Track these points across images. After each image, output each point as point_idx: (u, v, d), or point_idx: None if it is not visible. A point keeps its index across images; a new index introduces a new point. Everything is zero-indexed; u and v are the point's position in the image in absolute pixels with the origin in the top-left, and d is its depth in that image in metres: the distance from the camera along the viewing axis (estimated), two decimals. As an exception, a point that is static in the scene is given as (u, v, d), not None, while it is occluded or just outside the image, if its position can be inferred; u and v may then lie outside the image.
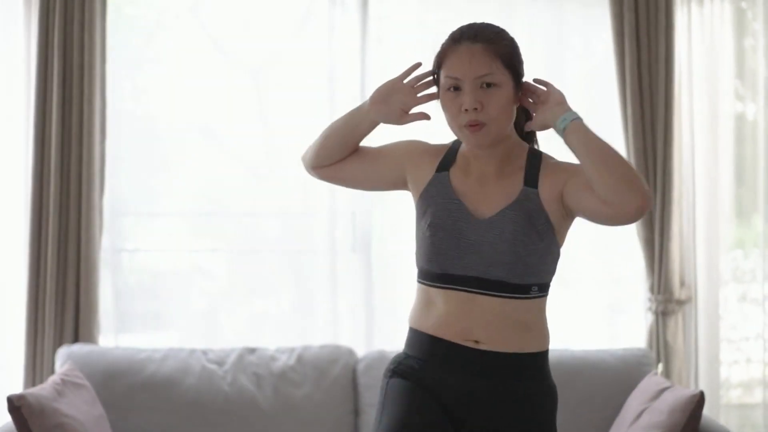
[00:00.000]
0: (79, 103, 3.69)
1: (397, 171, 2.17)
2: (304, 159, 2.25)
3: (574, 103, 4.32)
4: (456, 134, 2.08)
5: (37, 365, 3.66)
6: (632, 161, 3.80)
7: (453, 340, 2.03)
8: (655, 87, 3.82)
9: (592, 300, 4.02)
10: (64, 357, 3.50)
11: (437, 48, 2.08)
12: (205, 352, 3.58)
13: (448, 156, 2.14)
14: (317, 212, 3.89)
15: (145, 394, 3.44)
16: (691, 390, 3.15)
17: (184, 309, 4.00)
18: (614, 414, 3.41)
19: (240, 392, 3.47)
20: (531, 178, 2.06)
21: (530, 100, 2.09)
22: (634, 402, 3.32)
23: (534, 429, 2.05)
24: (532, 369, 2.06)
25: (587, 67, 4.04)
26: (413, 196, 2.16)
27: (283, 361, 3.56)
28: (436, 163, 2.13)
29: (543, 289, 2.08)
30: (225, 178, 4.00)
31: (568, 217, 2.08)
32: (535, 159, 2.09)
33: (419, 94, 2.11)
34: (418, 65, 2.13)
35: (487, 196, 2.06)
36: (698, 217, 3.94)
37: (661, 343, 3.83)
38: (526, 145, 2.13)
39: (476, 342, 2.03)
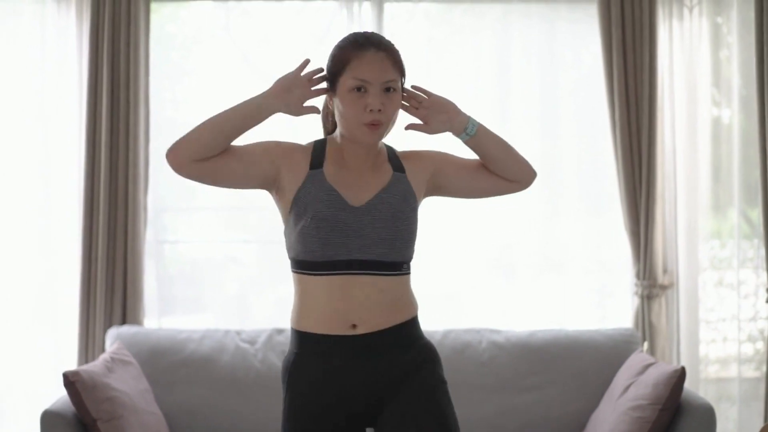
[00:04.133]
0: (125, 112, 3.70)
1: (272, 168, 2.06)
2: (175, 152, 1.99)
3: (567, 109, 4.30)
4: (350, 131, 2.04)
5: (89, 345, 3.68)
6: (620, 161, 3.79)
7: (332, 333, 2.02)
8: (640, 94, 3.79)
9: (584, 285, 4.00)
10: (113, 337, 3.51)
11: (334, 50, 2.07)
12: (238, 333, 3.58)
13: (317, 154, 2.10)
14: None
15: (185, 370, 3.45)
16: (673, 366, 3.13)
17: (220, 294, 4.01)
18: (604, 388, 3.41)
19: (270, 368, 3.47)
20: (397, 165, 2.11)
21: (406, 104, 2.11)
22: (621, 377, 3.31)
23: (424, 382, 2.05)
24: (406, 337, 2.07)
25: (577, 77, 4.01)
26: (285, 194, 2.07)
27: (308, 340, 3.55)
28: (308, 161, 2.08)
29: (408, 266, 2.10)
30: (255, 177, 3.99)
31: (425, 197, 2.16)
32: (391, 150, 2.16)
33: (313, 88, 2.08)
34: (308, 61, 2.09)
35: (363, 185, 2.07)
36: (679, 210, 3.92)
37: (646, 324, 3.81)
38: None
39: (354, 326, 2.02)
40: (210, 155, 2.01)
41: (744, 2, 3.76)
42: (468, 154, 2.19)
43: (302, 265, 2.05)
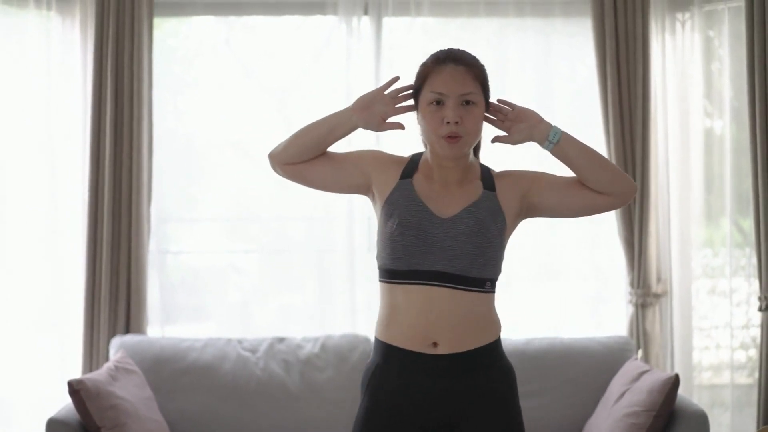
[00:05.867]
0: (129, 124, 3.71)
1: (362, 177, 2.11)
2: (271, 155, 2.12)
3: (562, 121, 4.33)
4: (432, 144, 2.04)
5: (93, 353, 3.68)
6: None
7: (414, 350, 2.01)
8: (633, 106, 3.81)
9: (579, 293, 4.00)
10: (117, 346, 3.51)
11: (418, 68, 2.08)
12: (240, 341, 3.58)
13: (410, 165, 2.11)
14: (337, 217, 3.89)
15: (187, 378, 3.45)
16: (667, 373, 3.14)
17: (222, 303, 4.01)
18: (599, 395, 3.41)
19: (271, 376, 3.48)
20: (488, 184, 2.08)
21: (493, 118, 2.10)
22: (616, 384, 3.31)
23: (500, 409, 2.05)
24: (486, 359, 2.04)
25: (573, 89, 4.02)
26: (377, 201, 2.11)
27: (309, 348, 3.56)
28: (400, 171, 2.10)
29: (493, 284, 2.06)
30: (256, 187, 4.01)
31: (520, 218, 2.11)
32: (486, 169, 2.13)
33: (398, 105, 2.08)
34: (396, 79, 2.11)
35: (450, 199, 2.05)
36: (672, 219, 3.92)
37: (640, 332, 3.82)
38: (476, 159, 2.15)
39: (435, 345, 2.01)
40: (299, 161, 2.09)
41: (735, 16, 3.78)
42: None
43: (387, 273, 2.05)
